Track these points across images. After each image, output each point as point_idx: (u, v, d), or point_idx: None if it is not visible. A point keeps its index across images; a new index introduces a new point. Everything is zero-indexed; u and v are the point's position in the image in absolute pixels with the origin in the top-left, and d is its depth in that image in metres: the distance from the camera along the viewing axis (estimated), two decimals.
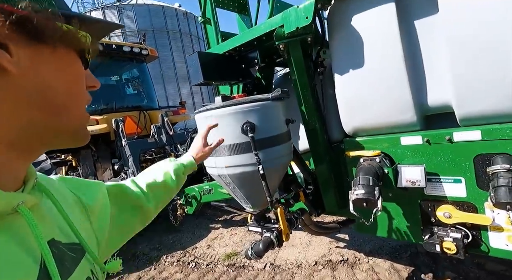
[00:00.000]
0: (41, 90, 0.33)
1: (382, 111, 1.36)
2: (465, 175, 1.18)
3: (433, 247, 1.21)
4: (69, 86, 0.36)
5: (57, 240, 0.40)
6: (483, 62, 1.02)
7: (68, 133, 0.37)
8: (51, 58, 0.34)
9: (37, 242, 0.34)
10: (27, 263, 0.32)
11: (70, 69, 0.36)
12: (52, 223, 0.41)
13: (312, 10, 1.19)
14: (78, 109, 0.38)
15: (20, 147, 0.34)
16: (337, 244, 3.36)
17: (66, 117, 0.36)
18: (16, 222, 0.34)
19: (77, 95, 0.37)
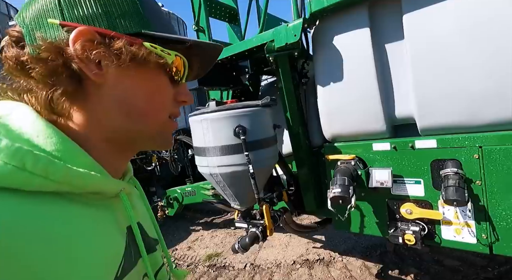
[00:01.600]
0: (124, 99, 0.38)
1: (357, 120, 1.54)
2: (424, 177, 1.39)
3: (397, 239, 1.40)
4: (149, 97, 0.40)
5: (141, 224, 0.47)
6: (438, 82, 1.24)
7: (148, 138, 0.42)
8: (136, 73, 0.38)
9: (130, 222, 0.41)
10: (118, 237, 0.39)
11: (152, 83, 0.40)
12: (138, 212, 0.47)
13: (300, 29, 1.36)
14: (157, 117, 0.41)
15: (114, 145, 0.40)
16: (314, 245, 3.54)
17: (142, 123, 0.40)
18: (115, 204, 0.40)
19: (156, 105, 0.41)
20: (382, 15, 1.35)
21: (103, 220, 0.37)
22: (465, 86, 1.18)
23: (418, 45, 1.23)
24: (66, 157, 0.33)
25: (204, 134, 1.40)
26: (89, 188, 0.35)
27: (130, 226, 0.41)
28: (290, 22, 1.40)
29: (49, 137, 0.33)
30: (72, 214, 0.32)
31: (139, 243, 0.41)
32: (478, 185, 1.25)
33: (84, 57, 0.34)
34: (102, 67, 0.35)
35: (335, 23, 1.44)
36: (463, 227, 1.31)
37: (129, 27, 0.37)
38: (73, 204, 0.33)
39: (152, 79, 0.40)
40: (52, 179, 0.30)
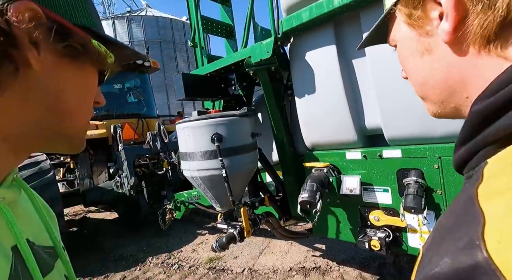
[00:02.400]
0: (54, 92, 0.34)
1: (331, 130, 1.63)
2: (391, 185, 1.44)
3: (363, 245, 1.45)
4: (81, 96, 0.37)
5: (31, 241, 0.37)
6: (397, 96, 1.31)
7: (66, 138, 0.38)
8: (73, 68, 0.35)
9: (16, 240, 0.33)
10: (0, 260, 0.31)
11: (87, 81, 0.38)
12: (28, 222, 0.39)
13: (271, 46, 1.49)
14: (81, 118, 0.38)
15: (15, 142, 0.34)
16: (313, 253, 3.54)
17: (69, 122, 0.36)
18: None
19: (84, 106, 0.38)
20: (346, 33, 1.45)
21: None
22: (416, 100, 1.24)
23: (377, 62, 1.31)
24: None
25: (186, 140, 1.56)
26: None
27: (16, 246, 0.33)
28: (264, 41, 1.54)
29: None
30: None
31: (31, 269, 0.33)
32: (439, 194, 1.29)
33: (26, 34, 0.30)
34: (40, 52, 0.31)
35: (306, 40, 1.55)
36: (426, 235, 1.34)
37: (80, 20, 0.35)
38: None
39: (87, 77, 0.38)
40: None
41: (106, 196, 4.62)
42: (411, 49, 0.37)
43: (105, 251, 4.23)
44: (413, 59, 0.37)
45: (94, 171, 5.05)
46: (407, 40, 0.37)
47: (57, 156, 5.46)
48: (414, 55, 0.37)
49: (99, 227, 5.49)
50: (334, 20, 1.44)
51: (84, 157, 4.92)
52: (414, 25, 0.35)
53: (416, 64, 0.37)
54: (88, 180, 4.95)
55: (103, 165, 4.97)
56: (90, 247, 4.41)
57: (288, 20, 1.49)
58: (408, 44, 0.37)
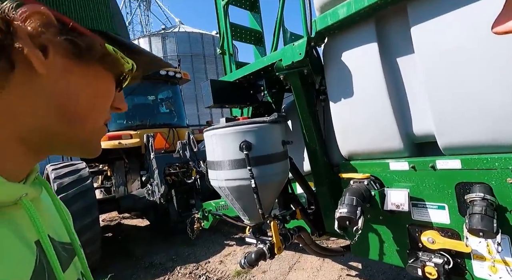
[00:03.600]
0: (64, 97, 0.33)
1: (372, 138, 1.46)
2: (448, 202, 1.22)
3: (415, 271, 1.23)
4: (92, 101, 0.36)
5: (51, 237, 0.39)
6: (455, 98, 1.11)
7: (77, 143, 0.38)
8: (85, 72, 0.34)
9: (39, 236, 0.34)
10: (25, 254, 0.32)
11: (99, 86, 0.37)
12: (48, 219, 0.41)
13: (304, 47, 1.38)
14: (93, 123, 0.38)
15: (29, 145, 0.34)
16: (349, 272, 3.25)
17: (79, 127, 0.36)
18: (16, 214, 0.33)
19: (96, 110, 0.37)
20: (390, 29, 1.30)
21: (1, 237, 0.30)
22: (485, 101, 1.04)
23: (429, 59, 1.14)
24: None
25: (213, 148, 1.49)
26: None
27: (38, 241, 0.35)
28: (296, 42, 1.44)
29: None
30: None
31: (52, 263, 0.35)
32: None
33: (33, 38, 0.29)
34: (48, 56, 0.31)
35: (343, 40, 1.42)
36: (499, 264, 1.10)
37: (95, 23, 0.34)
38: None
39: (100, 82, 0.37)
40: None
41: (138, 203, 4.75)
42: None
43: (137, 257, 4.30)
44: None
45: (129, 179, 5.25)
46: None
47: (96, 164, 5.80)
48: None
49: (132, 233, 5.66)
50: (375, 16, 1.30)
51: (120, 165, 5.16)
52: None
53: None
54: (122, 188, 5.16)
55: (136, 173, 5.15)
56: (123, 253, 4.53)
57: (323, 19, 1.38)
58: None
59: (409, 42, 1.21)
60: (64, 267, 0.39)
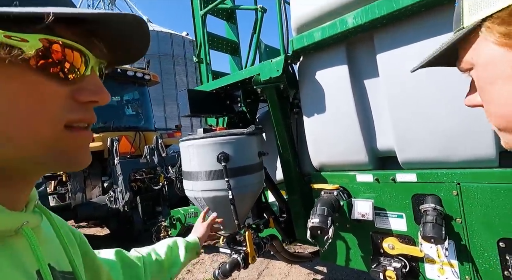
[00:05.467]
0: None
1: (342, 151, 1.57)
2: (406, 211, 1.37)
3: (378, 275, 1.35)
4: (12, 109, 0.28)
5: (52, 266, 0.37)
6: (414, 119, 1.26)
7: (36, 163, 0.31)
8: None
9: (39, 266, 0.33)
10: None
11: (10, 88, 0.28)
12: (49, 247, 0.39)
13: (281, 64, 1.46)
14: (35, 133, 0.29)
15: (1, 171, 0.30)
16: (315, 276, 3.39)
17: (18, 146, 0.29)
18: (17, 243, 0.32)
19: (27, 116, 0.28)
20: (359, 54, 1.43)
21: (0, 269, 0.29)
22: (439, 122, 1.20)
23: (391, 84, 1.28)
24: None
25: (190, 159, 1.49)
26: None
27: (39, 270, 0.33)
28: (274, 58, 1.51)
29: None
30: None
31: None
32: (458, 223, 1.22)
33: None
34: None
35: (317, 60, 1.53)
36: (446, 266, 1.26)
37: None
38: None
39: (9, 80, 0.27)
40: None
41: (99, 211, 4.44)
42: (504, 73, 0.32)
43: None
44: (506, 84, 0.32)
45: (88, 185, 4.88)
46: (498, 63, 0.33)
47: None
48: (508, 80, 0.32)
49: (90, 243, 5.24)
50: (346, 41, 1.42)
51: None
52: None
53: (504, 90, 0.33)
54: (80, 194, 4.78)
55: (97, 179, 4.81)
56: None
57: (299, 39, 1.47)
58: (499, 67, 0.33)
59: (375, 67, 1.35)
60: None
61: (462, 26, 0.36)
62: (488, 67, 0.34)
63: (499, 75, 0.33)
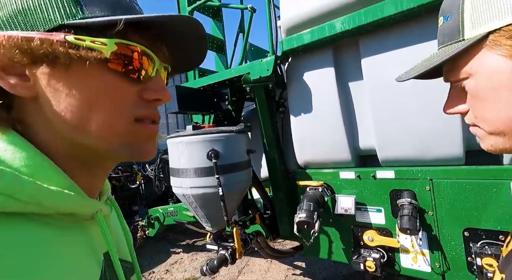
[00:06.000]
0: (64, 111, 0.31)
1: (326, 150, 1.65)
2: (384, 206, 1.47)
3: (358, 266, 1.44)
4: (93, 104, 0.32)
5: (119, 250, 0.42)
6: (394, 120, 1.37)
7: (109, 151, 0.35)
8: (70, 77, 0.31)
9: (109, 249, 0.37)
10: (93, 266, 0.34)
11: (92, 86, 0.32)
12: (115, 236, 0.43)
13: (272, 64, 1.50)
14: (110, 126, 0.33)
15: (81, 160, 0.35)
16: (294, 272, 3.49)
17: (96, 136, 0.33)
18: (91, 227, 0.36)
19: (104, 111, 0.33)
20: (345, 57, 1.52)
21: (75, 245, 0.33)
22: (416, 125, 1.31)
23: (375, 87, 1.38)
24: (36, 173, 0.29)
25: (179, 156, 1.48)
26: (62, 209, 0.31)
27: (107, 253, 0.37)
28: (264, 58, 1.55)
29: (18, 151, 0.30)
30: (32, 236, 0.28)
31: (118, 274, 0.37)
32: (430, 215, 1.34)
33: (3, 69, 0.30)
34: (28, 78, 0.30)
35: (305, 61, 1.59)
36: (419, 255, 1.38)
37: (48, 21, 0.30)
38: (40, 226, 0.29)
39: (90, 79, 0.32)
40: (17, 198, 0.27)
41: None
42: (503, 82, 0.37)
43: None
44: (504, 92, 0.37)
45: None
46: (503, 73, 0.36)
47: None
48: (506, 89, 0.36)
49: None
50: (334, 44, 1.50)
51: None
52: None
53: (505, 98, 0.37)
54: None
55: None
56: None
57: (289, 41, 1.52)
58: (501, 77, 0.37)
59: (360, 71, 1.44)
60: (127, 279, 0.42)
61: (462, 38, 0.39)
62: (493, 77, 0.37)
63: (503, 84, 0.36)
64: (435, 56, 0.45)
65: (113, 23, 0.30)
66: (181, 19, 0.34)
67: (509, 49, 0.35)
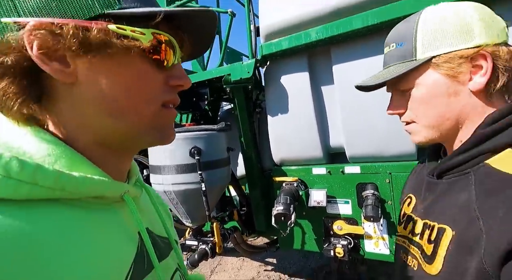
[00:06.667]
0: (102, 97, 0.33)
1: (301, 148, 1.79)
2: (351, 197, 1.65)
3: (329, 253, 1.60)
4: (129, 89, 0.35)
5: (151, 230, 0.44)
6: (359, 121, 1.55)
7: (141, 134, 0.37)
8: (108, 63, 0.33)
9: (138, 227, 0.38)
10: (126, 243, 0.36)
11: (129, 72, 0.34)
12: (147, 215, 0.45)
13: (252, 67, 1.60)
14: (144, 110, 0.36)
15: (109, 145, 0.37)
16: (266, 268, 3.61)
17: (131, 120, 0.35)
18: (120, 208, 0.38)
19: (140, 97, 0.35)
20: (319, 64, 1.67)
21: (106, 225, 0.35)
22: (377, 125, 1.50)
23: (344, 91, 1.55)
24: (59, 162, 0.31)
25: (159, 153, 1.50)
26: (87, 193, 0.32)
27: (139, 232, 0.39)
28: (245, 61, 1.64)
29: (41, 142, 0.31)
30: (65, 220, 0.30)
31: (149, 251, 0.39)
32: (389, 204, 1.54)
33: (44, 56, 0.30)
34: (68, 64, 0.32)
35: (282, 66, 1.72)
36: (380, 240, 1.57)
37: (88, 9, 0.31)
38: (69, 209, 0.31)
39: (129, 67, 0.34)
40: (43, 186, 0.28)
41: None
42: (439, 91, 0.54)
43: None
44: (439, 98, 0.54)
45: None
46: (438, 85, 0.53)
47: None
48: (441, 96, 0.54)
49: None
50: (308, 51, 1.64)
51: None
52: (452, 76, 0.52)
53: (440, 102, 0.54)
54: None
55: None
56: None
57: (268, 46, 1.63)
58: (438, 88, 0.54)
59: (331, 76, 1.60)
60: (162, 257, 0.43)
61: (415, 58, 0.54)
62: (433, 88, 0.54)
63: (439, 93, 0.54)
64: (391, 71, 0.59)
65: (153, 15, 0.33)
66: (205, 13, 0.38)
67: (445, 70, 0.53)
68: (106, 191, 0.35)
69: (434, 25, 0.53)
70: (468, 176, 0.52)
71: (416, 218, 0.63)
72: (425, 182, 0.64)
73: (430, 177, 0.62)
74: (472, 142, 0.52)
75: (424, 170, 0.70)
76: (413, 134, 0.60)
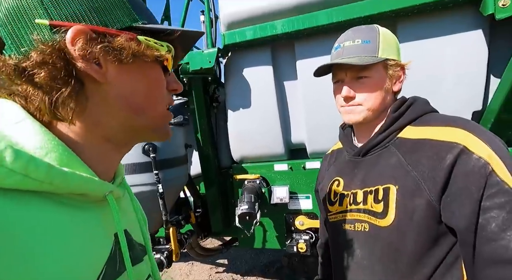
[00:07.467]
0: (126, 96, 0.38)
1: (262, 144, 1.74)
2: (312, 192, 1.67)
3: (292, 249, 1.59)
4: (149, 91, 0.41)
5: (129, 232, 0.45)
6: (321, 117, 1.58)
7: (150, 130, 0.43)
8: (133, 68, 0.39)
9: (117, 228, 0.39)
10: (103, 244, 0.38)
11: (149, 77, 0.41)
12: (127, 217, 0.47)
13: (214, 56, 1.48)
14: (157, 110, 0.42)
15: (115, 141, 0.41)
16: (217, 270, 3.48)
17: (146, 117, 0.41)
18: (101, 208, 0.39)
19: (155, 98, 0.42)
20: (283, 57, 1.64)
21: (87, 224, 0.36)
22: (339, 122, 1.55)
23: (307, 87, 1.55)
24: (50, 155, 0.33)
25: None
26: (73, 189, 0.34)
27: (116, 233, 0.40)
28: (205, 49, 1.50)
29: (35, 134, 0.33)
30: (49, 212, 0.31)
31: (124, 254, 0.40)
32: None
33: (86, 56, 0.34)
34: (102, 65, 0.36)
35: (245, 57, 1.64)
36: None
37: (120, 21, 0.37)
38: (52, 204, 0.32)
39: (149, 72, 0.41)
40: (33, 178, 0.29)
41: None
42: (383, 85, 0.74)
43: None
44: (381, 90, 0.74)
45: None
46: (383, 79, 0.74)
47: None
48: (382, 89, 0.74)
49: None
50: (273, 44, 1.60)
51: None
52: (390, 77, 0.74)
53: (381, 93, 0.74)
54: None
55: None
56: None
57: (231, 35, 1.53)
58: (383, 83, 0.74)
59: (295, 71, 1.59)
60: (136, 262, 0.45)
61: (376, 56, 0.71)
62: (380, 80, 0.73)
63: (382, 86, 0.74)
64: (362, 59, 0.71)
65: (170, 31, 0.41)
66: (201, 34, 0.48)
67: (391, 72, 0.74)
68: (92, 189, 0.36)
69: (389, 36, 0.74)
70: (389, 147, 0.72)
71: (355, 190, 0.76)
72: (352, 163, 0.80)
73: (355, 158, 0.79)
74: (387, 124, 0.73)
75: (341, 155, 0.89)
76: (355, 113, 0.75)
